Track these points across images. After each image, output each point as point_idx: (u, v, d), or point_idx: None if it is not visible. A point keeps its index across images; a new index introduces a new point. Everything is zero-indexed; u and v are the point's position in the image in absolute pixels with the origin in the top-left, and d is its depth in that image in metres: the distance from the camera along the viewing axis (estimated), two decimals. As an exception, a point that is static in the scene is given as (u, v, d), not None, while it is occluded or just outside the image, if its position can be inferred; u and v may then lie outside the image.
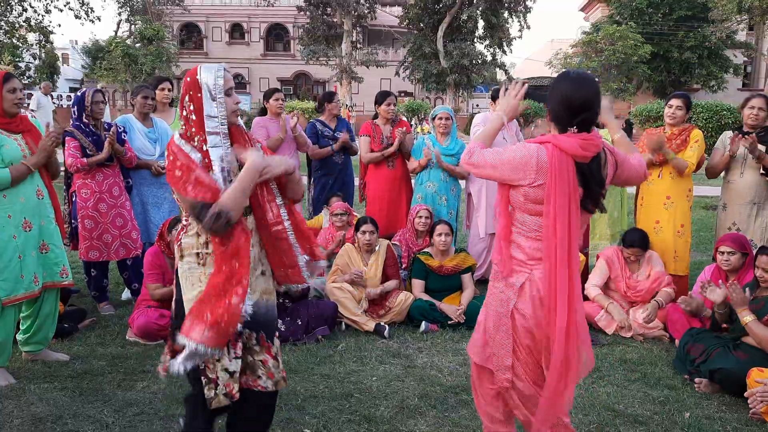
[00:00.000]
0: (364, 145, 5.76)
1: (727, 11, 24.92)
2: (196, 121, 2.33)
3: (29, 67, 32.14)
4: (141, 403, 3.31)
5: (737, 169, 4.68)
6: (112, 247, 4.69)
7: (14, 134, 3.55)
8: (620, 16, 31.72)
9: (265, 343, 2.50)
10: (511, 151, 2.38)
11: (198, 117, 2.33)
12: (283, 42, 43.75)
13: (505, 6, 30.32)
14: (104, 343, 4.20)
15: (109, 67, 27.32)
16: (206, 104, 2.32)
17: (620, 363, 3.98)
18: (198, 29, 42.93)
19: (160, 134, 5.18)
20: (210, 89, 2.33)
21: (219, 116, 2.35)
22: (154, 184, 5.16)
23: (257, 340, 2.49)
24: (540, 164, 2.30)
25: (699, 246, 7.16)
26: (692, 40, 30.55)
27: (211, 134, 2.33)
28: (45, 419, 3.12)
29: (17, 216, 3.50)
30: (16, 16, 28.67)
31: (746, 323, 3.45)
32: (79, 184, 4.65)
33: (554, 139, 2.32)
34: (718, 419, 3.25)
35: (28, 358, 3.83)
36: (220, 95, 2.34)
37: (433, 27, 30.04)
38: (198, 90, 2.33)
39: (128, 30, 35.26)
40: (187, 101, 2.35)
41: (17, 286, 3.47)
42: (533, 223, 2.38)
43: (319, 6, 30.15)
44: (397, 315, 4.61)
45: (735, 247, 4.11)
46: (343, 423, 3.15)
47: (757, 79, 37.22)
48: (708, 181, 5.49)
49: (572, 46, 30.37)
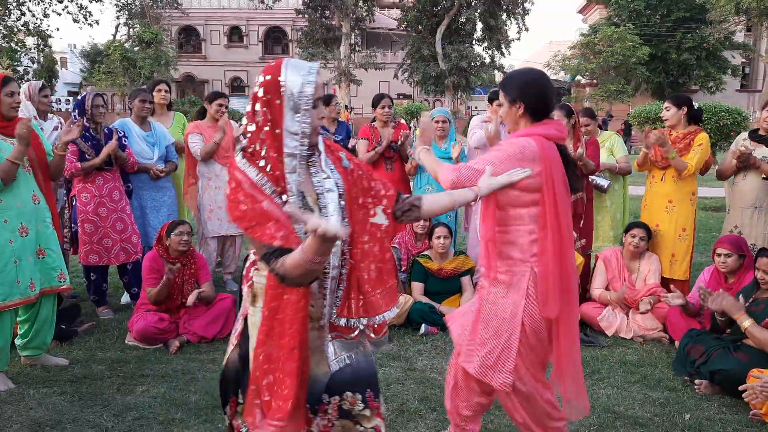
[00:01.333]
0: (362, 148, 5.75)
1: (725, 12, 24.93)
2: (270, 135, 1.81)
3: (27, 71, 32.17)
4: (140, 408, 3.30)
5: (741, 172, 4.69)
6: (112, 251, 4.68)
7: (11, 138, 3.54)
8: (618, 17, 31.76)
9: (374, 403, 2.04)
10: (505, 148, 2.38)
11: (272, 131, 1.81)
12: (281, 45, 43.79)
13: (504, 8, 30.38)
14: (103, 347, 4.20)
15: (107, 71, 27.32)
16: (287, 117, 1.80)
17: (620, 365, 3.98)
18: (196, 32, 42.97)
19: (158, 138, 5.17)
20: (295, 97, 1.80)
21: (301, 134, 1.82)
22: (153, 187, 5.15)
23: (365, 402, 2.02)
24: (534, 154, 2.33)
25: (698, 247, 7.14)
26: (690, 41, 30.59)
27: (290, 156, 1.82)
28: (44, 424, 3.11)
29: (13, 221, 3.48)
30: (14, 20, 28.73)
31: (746, 328, 3.45)
32: (79, 188, 4.64)
33: (536, 129, 2.38)
34: (718, 420, 3.24)
35: (26, 363, 3.82)
36: (307, 106, 1.82)
37: (432, 29, 30.09)
38: (278, 95, 1.80)
39: (126, 33, 35.27)
40: (260, 108, 1.81)
41: (13, 291, 3.45)
42: (528, 215, 2.36)
43: (317, 9, 30.21)
44: (396, 318, 4.60)
45: (732, 249, 4.11)
46: (343, 426, 3.14)
47: (756, 81, 37.25)
48: (708, 182, 5.50)
49: (570, 48, 30.44)
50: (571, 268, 2.38)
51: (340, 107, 6.37)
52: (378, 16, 34.64)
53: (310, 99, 1.80)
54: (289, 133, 1.80)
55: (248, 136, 1.85)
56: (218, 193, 5.41)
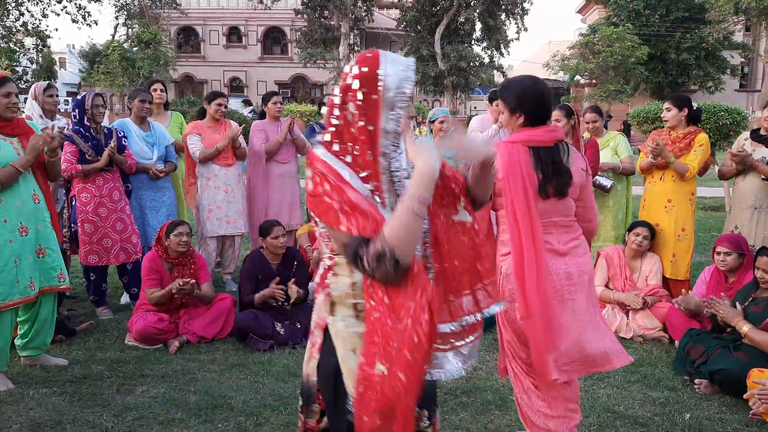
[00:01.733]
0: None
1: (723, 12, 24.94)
2: (364, 131, 1.68)
3: (26, 72, 32.14)
4: (140, 408, 3.29)
5: (741, 173, 4.69)
6: (112, 251, 4.68)
7: (10, 138, 3.54)
8: (617, 17, 31.75)
9: (435, 420, 1.97)
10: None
11: (365, 127, 1.68)
12: (280, 45, 43.73)
13: (503, 8, 30.37)
14: (103, 347, 4.19)
15: (106, 71, 27.26)
16: (383, 114, 1.67)
17: (620, 364, 3.97)
18: (195, 32, 42.90)
19: (157, 138, 5.17)
20: (392, 93, 1.68)
21: (393, 133, 1.71)
22: (152, 187, 5.15)
23: (429, 420, 1.94)
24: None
25: (698, 247, 7.13)
26: (689, 41, 30.59)
27: (383, 155, 1.71)
28: (44, 424, 3.10)
29: (13, 220, 3.48)
30: (13, 21, 28.67)
31: (745, 333, 3.45)
32: (78, 188, 4.64)
33: (519, 136, 2.51)
34: (718, 420, 3.24)
35: (26, 363, 3.82)
36: (403, 104, 1.70)
37: (431, 29, 30.07)
38: (375, 90, 1.66)
39: (125, 34, 35.23)
40: (352, 99, 1.68)
41: (13, 290, 3.45)
42: (501, 217, 2.64)
43: (316, 9, 30.18)
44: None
45: (731, 248, 4.11)
46: (343, 426, 3.13)
47: (755, 80, 37.27)
48: (707, 182, 5.50)
49: (569, 48, 30.41)
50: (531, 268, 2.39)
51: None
52: (377, 16, 34.62)
53: (406, 97, 1.70)
54: (383, 131, 1.68)
55: (332, 130, 1.72)
56: (217, 193, 5.41)
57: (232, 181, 5.47)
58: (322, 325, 1.85)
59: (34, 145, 3.51)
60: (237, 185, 5.51)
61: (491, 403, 3.38)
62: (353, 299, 1.75)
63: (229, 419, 3.19)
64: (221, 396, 3.44)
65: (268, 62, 42.97)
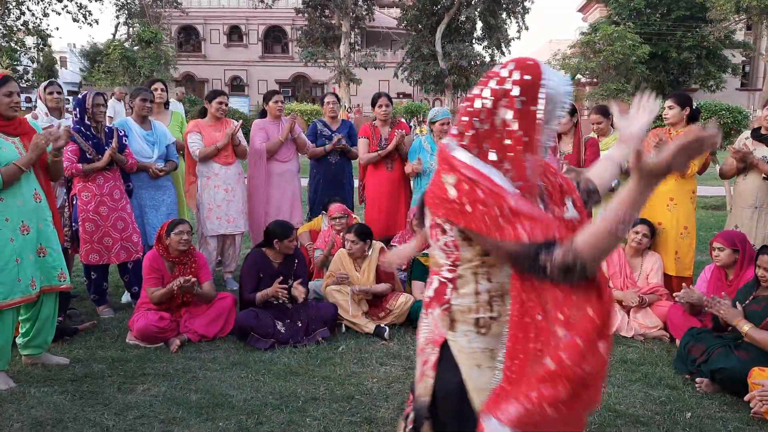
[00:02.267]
0: (362, 147, 5.76)
1: (725, 11, 24.92)
2: (520, 141, 1.59)
3: (27, 71, 32.14)
4: (141, 406, 3.30)
5: (742, 172, 4.69)
6: (112, 250, 4.68)
7: (12, 137, 3.54)
8: (618, 16, 31.74)
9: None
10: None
11: (521, 137, 1.59)
12: (281, 44, 43.77)
13: (504, 7, 30.37)
14: (104, 346, 4.19)
15: (107, 70, 27.27)
16: (542, 125, 1.61)
17: (621, 363, 3.98)
18: (196, 32, 42.95)
19: (158, 137, 5.17)
20: (552, 106, 1.61)
21: (544, 146, 1.64)
22: (152, 186, 5.15)
23: None
24: None
25: (699, 246, 7.14)
26: (690, 40, 30.57)
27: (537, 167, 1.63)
28: (45, 423, 3.11)
29: (14, 219, 3.48)
30: (14, 20, 28.70)
31: (746, 333, 3.46)
32: (79, 187, 4.64)
33: None
34: (719, 419, 3.24)
35: (27, 362, 3.82)
36: (559, 119, 1.65)
37: (432, 28, 30.06)
38: (535, 100, 1.59)
39: (126, 33, 35.24)
40: (507, 105, 1.59)
41: (14, 289, 3.45)
42: None
43: (317, 8, 30.18)
44: (397, 317, 4.60)
45: (726, 244, 4.11)
46: (344, 425, 3.14)
47: (756, 79, 37.25)
48: (708, 181, 5.49)
49: (570, 47, 30.38)
50: None
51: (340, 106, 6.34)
52: (378, 15, 34.62)
53: (564, 112, 1.63)
54: (539, 143, 1.60)
55: (471, 133, 1.63)
56: (217, 192, 5.41)
57: (232, 180, 5.47)
58: (438, 341, 1.74)
59: (36, 144, 3.51)
60: (237, 184, 5.51)
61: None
62: (475, 314, 1.67)
63: (230, 418, 3.19)
64: (222, 395, 3.45)
65: (269, 61, 43.01)
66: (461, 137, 1.65)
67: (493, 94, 1.61)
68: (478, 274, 1.67)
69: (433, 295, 1.77)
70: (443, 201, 1.59)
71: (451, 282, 1.70)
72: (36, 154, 3.53)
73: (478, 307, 1.67)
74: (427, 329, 1.79)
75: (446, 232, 1.65)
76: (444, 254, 1.70)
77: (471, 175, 1.56)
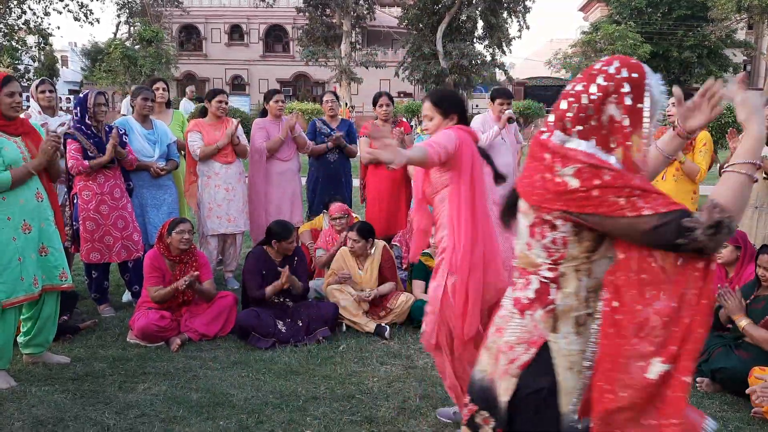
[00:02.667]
0: (363, 146, 5.75)
1: (726, 10, 24.94)
2: (628, 136, 1.66)
3: (28, 69, 32.18)
4: (142, 405, 3.30)
5: None
6: (113, 249, 4.69)
7: (14, 137, 3.55)
8: (619, 15, 31.75)
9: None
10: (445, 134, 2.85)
11: (630, 134, 1.66)
12: (282, 43, 43.78)
13: (505, 6, 30.35)
14: (105, 345, 4.20)
15: (108, 69, 27.31)
16: (644, 122, 1.66)
17: (621, 363, 3.97)
18: (197, 31, 42.96)
19: (159, 136, 5.17)
20: (653, 105, 1.67)
21: (647, 141, 1.69)
22: (153, 185, 5.15)
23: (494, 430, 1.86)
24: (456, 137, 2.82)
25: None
26: (692, 39, 30.58)
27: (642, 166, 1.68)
28: (46, 422, 3.11)
29: (17, 218, 3.49)
30: (15, 19, 28.73)
31: (743, 327, 3.46)
32: (80, 186, 4.65)
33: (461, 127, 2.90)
34: (720, 418, 3.24)
35: (28, 361, 3.82)
36: (655, 120, 1.70)
37: (433, 27, 30.06)
38: (641, 98, 1.66)
39: (127, 32, 35.27)
40: (616, 101, 1.65)
41: (17, 288, 3.46)
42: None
43: (318, 7, 30.19)
44: (398, 316, 4.61)
45: (728, 241, 4.11)
46: (345, 424, 3.14)
47: (757, 78, 37.23)
48: (709, 180, 5.49)
49: (571, 46, 30.40)
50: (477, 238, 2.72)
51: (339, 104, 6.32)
52: (378, 14, 34.62)
53: (658, 113, 1.69)
54: (645, 141, 1.66)
55: (579, 129, 1.67)
56: (218, 191, 5.41)
57: (233, 180, 5.47)
58: (538, 342, 1.74)
59: (44, 150, 3.57)
60: (237, 183, 5.51)
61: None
62: (575, 312, 1.69)
63: (231, 417, 3.20)
64: (223, 394, 3.45)
65: (270, 60, 43.01)
66: (567, 131, 1.68)
67: (601, 90, 1.65)
68: (580, 271, 1.69)
69: (534, 296, 1.75)
70: (560, 194, 1.61)
71: (554, 281, 1.71)
72: (45, 159, 3.58)
73: (578, 304, 1.69)
74: (521, 330, 1.78)
75: (556, 228, 1.66)
76: (546, 252, 1.71)
77: (591, 161, 1.59)
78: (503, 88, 5.58)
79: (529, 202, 1.71)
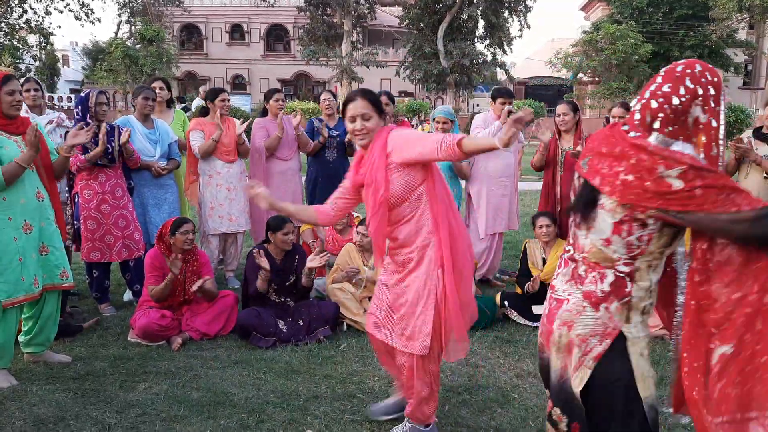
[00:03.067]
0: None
1: (727, 10, 24.90)
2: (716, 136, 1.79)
3: (29, 69, 32.18)
4: (143, 404, 3.31)
5: (744, 170, 4.68)
6: (114, 248, 4.69)
7: (14, 136, 3.55)
8: (621, 15, 31.72)
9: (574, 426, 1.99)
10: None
11: (716, 131, 1.79)
12: (283, 42, 43.76)
13: (505, 5, 30.33)
14: (106, 344, 4.20)
15: (109, 69, 27.31)
16: (721, 120, 1.81)
17: (622, 362, 3.97)
18: (198, 30, 42.94)
19: (160, 135, 5.18)
20: (724, 107, 1.82)
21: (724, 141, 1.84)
22: (155, 185, 5.15)
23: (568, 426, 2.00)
24: None
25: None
26: (693, 38, 30.55)
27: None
28: (47, 421, 3.12)
29: (17, 218, 3.49)
30: (16, 18, 28.72)
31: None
32: (81, 185, 4.65)
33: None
34: None
35: (29, 360, 3.83)
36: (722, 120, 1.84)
37: (433, 27, 30.05)
38: (719, 100, 1.80)
39: (128, 31, 35.27)
40: (702, 104, 1.78)
41: (18, 287, 3.46)
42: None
43: (318, 6, 30.18)
44: (398, 315, 4.60)
45: None
46: (346, 423, 3.14)
47: (758, 78, 37.19)
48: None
49: (572, 46, 30.36)
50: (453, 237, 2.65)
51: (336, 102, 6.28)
52: (379, 14, 34.61)
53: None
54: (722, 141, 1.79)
55: (670, 129, 1.79)
56: (219, 190, 5.41)
57: (234, 179, 5.47)
58: (612, 333, 1.89)
59: (29, 140, 3.45)
60: (239, 183, 5.51)
61: (493, 400, 3.38)
62: (644, 302, 1.87)
63: (232, 416, 3.20)
64: (223, 393, 3.45)
65: (271, 60, 42.99)
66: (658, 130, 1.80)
67: (688, 92, 1.78)
68: (652, 266, 1.86)
69: (609, 289, 1.88)
70: (662, 194, 1.72)
71: (629, 275, 1.86)
72: (34, 150, 3.46)
73: (647, 296, 1.87)
74: (594, 322, 1.90)
75: (646, 227, 1.80)
76: (626, 249, 1.84)
77: (694, 163, 1.71)
78: (504, 88, 5.58)
79: (622, 201, 1.79)
